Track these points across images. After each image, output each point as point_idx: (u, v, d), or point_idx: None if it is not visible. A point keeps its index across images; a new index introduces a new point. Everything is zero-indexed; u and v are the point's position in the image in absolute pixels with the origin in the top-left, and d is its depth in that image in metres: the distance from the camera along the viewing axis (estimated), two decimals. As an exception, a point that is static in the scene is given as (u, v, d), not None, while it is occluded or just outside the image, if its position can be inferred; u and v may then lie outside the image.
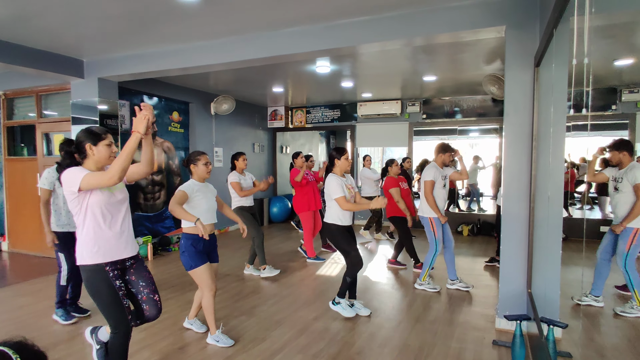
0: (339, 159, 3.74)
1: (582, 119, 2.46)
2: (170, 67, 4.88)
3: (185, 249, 3.09)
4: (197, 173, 3.19)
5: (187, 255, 3.08)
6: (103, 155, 2.32)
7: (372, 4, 3.53)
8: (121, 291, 2.33)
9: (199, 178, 3.20)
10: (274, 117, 9.54)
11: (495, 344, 3.18)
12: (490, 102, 7.76)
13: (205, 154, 3.24)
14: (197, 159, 3.19)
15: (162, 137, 6.88)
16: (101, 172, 2.22)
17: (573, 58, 1.78)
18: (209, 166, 3.22)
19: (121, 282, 2.36)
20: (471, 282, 4.57)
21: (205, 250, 3.15)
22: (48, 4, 3.48)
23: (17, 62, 4.63)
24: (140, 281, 2.50)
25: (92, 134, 2.32)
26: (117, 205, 2.38)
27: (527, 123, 3.26)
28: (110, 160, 2.35)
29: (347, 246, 3.70)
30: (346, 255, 3.74)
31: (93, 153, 2.30)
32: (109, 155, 2.35)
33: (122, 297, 2.32)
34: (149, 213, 6.59)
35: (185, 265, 3.11)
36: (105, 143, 2.33)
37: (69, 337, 3.36)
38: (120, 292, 2.33)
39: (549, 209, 2.89)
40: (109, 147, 2.35)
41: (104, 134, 2.35)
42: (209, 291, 3.12)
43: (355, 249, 3.72)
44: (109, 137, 2.37)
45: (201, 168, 3.18)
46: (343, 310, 3.74)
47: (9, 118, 6.56)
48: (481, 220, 7.83)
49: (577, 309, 3.63)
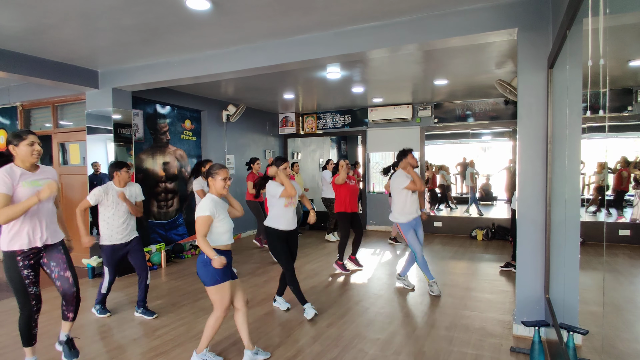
0: (277, 168, 3.88)
1: (598, 121, 2.42)
2: (182, 76, 4.94)
3: (209, 263, 2.75)
4: (215, 188, 2.91)
5: (214, 270, 2.76)
6: (24, 153, 2.63)
7: (382, 9, 3.53)
8: (28, 279, 2.70)
9: (216, 193, 2.93)
10: (284, 124, 9.57)
11: (513, 350, 3.12)
12: (502, 105, 7.69)
13: (225, 169, 2.94)
14: (216, 173, 2.91)
15: (175, 145, 6.96)
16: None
17: (588, 59, 1.76)
18: (228, 182, 2.93)
19: (30, 271, 2.70)
20: (414, 284, 4.64)
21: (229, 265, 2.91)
22: (64, 16, 3.56)
23: (34, 73, 4.74)
24: (51, 262, 2.83)
25: (14, 135, 2.65)
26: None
27: (541, 126, 3.22)
28: (33, 158, 2.66)
29: (280, 250, 3.85)
30: (279, 260, 3.93)
31: (16, 152, 2.63)
32: (31, 153, 2.64)
33: (28, 285, 2.69)
34: (162, 220, 6.65)
35: (207, 279, 2.80)
36: (25, 143, 2.63)
37: (86, 343, 3.40)
38: (27, 280, 2.69)
39: (566, 212, 2.84)
40: (31, 146, 2.64)
41: (24, 135, 2.64)
42: (223, 312, 2.86)
43: (287, 254, 3.85)
44: (30, 138, 2.65)
45: (219, 183, 2.90)
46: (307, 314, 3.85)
47: (26, 128, 6.70)
48: (495, 224, 7.73)
49: (597, 315, 3.55)
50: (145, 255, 4.08)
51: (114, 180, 3.87)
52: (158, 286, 5.01)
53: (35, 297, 2.77)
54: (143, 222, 6.25)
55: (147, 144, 6.40)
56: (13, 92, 6.30)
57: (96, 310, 4.06)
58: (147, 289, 4.01)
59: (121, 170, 3.88)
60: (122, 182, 3.90)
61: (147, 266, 4.02)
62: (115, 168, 3.89)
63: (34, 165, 2.73)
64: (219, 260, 2.64)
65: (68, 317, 2.97)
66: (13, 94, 6.31)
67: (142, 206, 4.10)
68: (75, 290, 2.92)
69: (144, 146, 6.33)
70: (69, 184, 6.19)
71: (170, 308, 4.21)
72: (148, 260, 5.85)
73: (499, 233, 7.61)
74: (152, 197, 6.48)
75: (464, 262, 6.00)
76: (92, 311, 4.10)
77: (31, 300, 2.74)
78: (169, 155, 6.82)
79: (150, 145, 6.46)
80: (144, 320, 3.88)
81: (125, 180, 3.92)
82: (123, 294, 4.69)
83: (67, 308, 2.94)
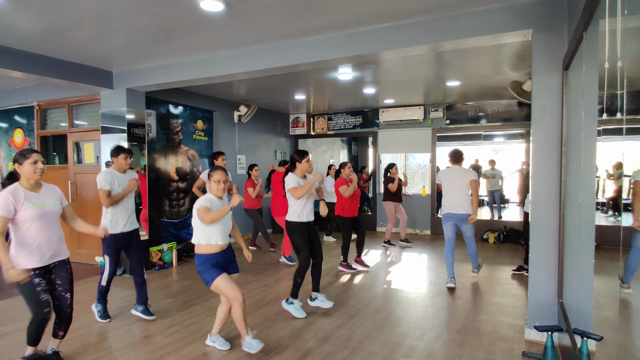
0: (300, 161, 3.92)
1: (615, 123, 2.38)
2: (195, 77, 4.99)
3: (201, 268, 3.05)
4: (211, 189, 3.07)
5: (203, 272, 3.04)
6: (28, 171, 2.71)
7: (394, 10, 3.52)
8: (40, 286, 2.74)
9: (213, 194, 3.08)
10: (295, 124, 9.60)
11: (525, 355, 3.08)
12: (515, 106, 7.61)
13: (221, 171, 3.08)
14: (211, 176, 3.07)
15: (187, 145, 7.02)
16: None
17: (605, 61, 1.73)
18: (221, 184, 3.04)
19: (41, 279, 2.76)
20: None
21: (221, 264, 3.08)
22: (80, 18, 3.62)
23: (51, 74, 4.83)
24: (57, 280, 2.91)
25: (19, 154, 2.75)
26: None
27: (556, 128, 3.18)
28: (36, 176, 2.73)
29: (301, 244, 3.87)
30: (298, 253, 3.93)
31: (21, 171, 2.72)
32: (34, 171, 2.72)
33: (39, 292, 2.73)
34: (173, 220, 6.72)
35: (205, 282, 3.05)
36: (29, 162, 2.71)
37: (99, 340, 3.45)
38: (39, 287, 2.74)
39: (580, 216, 2.80)
40: (34, 164, 2.72)
41: (28, 154, 2.73)
42: (236, 301, 3.01)
43: (308, 249, 3.88)
44: (33, 156, 2.73)
45: (213, 186, 3.05)
46: (295, 310, 3.91)
47: (42, 128, 6.83)
48: (507, 227, 7.64)
49: (612, 321, 3.48)
50: (142, 251, 4.00)
51: (114, 166, 3.80)
52: (169, 285, 5.06)
53: (48, 305, 2.80)
54: (155, 221, 6.32)
55: (159, 143, 6.47)
56: (30, 92, 6.42)
57: (97, 312, 3.92)
58: (146, 285, 3.93)
59: (118, 156, 3.79)
60: (120, 169, 3.80)
61: (143, 262, 3.94)
62: (112, 153, 3.80)
63: (38, 183, 2.81)
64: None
65: (59, 334, 3.01)
66: (30, 94, 6.43)
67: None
68: (70, 311, 2.98)
69: (156, 146, 6.40)
70: (83, 183, 6.28)
71: (181, 306, 4.24)
72: (160, 258, 5.92)
73: (510, 236, 7.53)
74: (164, 197, 6.55)
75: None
76: (92, 309, 3.99)
77: (44, 308, 2.76)
78: (181, 155, 6.89)
79: (162, 145, 6.53)
80: (154, 319, 3.89)
81: (124, 168, 3.81)
82: (134, 292, 4.73)
83: (60, 327, 2.99)
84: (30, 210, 2.69)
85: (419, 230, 8.55)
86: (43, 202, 2.78)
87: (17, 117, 7.05)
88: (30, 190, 2.75)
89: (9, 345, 3.32)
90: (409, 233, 8.48)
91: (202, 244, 3.04)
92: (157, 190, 6.38)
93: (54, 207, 2.85)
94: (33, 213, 2.70)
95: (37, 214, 2.72)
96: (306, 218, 3.94)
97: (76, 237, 6.35)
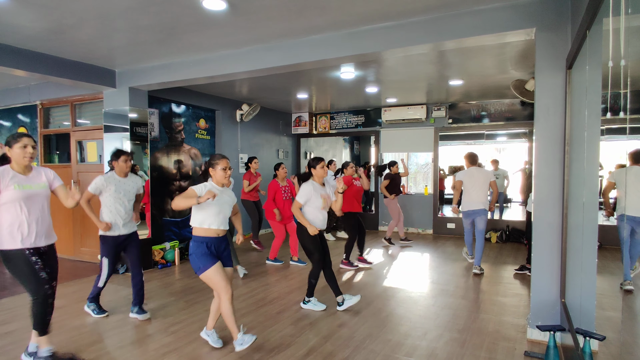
0: (315, 167, 3.98)
1: (618, 122, 2.37)
2: (197, 76, 4.99)
3: (194, 251, 3.00)
4: (216, 178, 3.09)
5: (195, 257, 2.98)
6: (17, 155, 2.77)
7: (396, 9, 3.52)
8: (37, 265, 2.79)
9: (217, 183, 3.12)
10: (298, 124, 9.60)
11: (527, 355, 3.08)
12: (518, 105, 7.58)
13: (225, 159, 3.11)
14: (216, 164, 3.08)
15: (190, 144, 7.03)
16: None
17: (609, 60, 1.72)
18: (227, 171, 3.09)
19: (37, 258, 2.81)
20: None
21: (216, 252, 3.05)
22: (82, 17, 3.62)
23: (54, 73, 4.84)
24: (46, 267, 2.89)
25: (10, 138, 2.80)
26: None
27: (559, 127, 3.17)
28: (25, 160, 2.78)
29: (312, 247, 3.92)
30: (309, 256, 3.98)
31: (10, 154, 2.78)
32: (23, 156, 2.77)
33: (38, 270, 2.79)
34: (176, 218, 6.73)
35: (194, 268, 3.01)
36: (19, 145, 2.76)
37: (101, 338, 3.46)
38: (37, 265, 2.79)
39: (583, 216, 2.79)
40: (24, 148, 2.77)
41: (18, 137, 2.78)
42: (225, 294, 2.97)
43: (319, 252, 3.93)
44: (23, 140, 2.78)
45: (219, 173, 3.07)
46: (314, 306, 4.06)
47: (45, 127, 6.85)
48: (510, 226, 7.63)
49: (614, 321, 3.47)
50: (140, 253, 3.99)
51: (115, 169, 3.82)
52: (171, 283, 5.08)
53: (47, 282, 2.83)
54: (157, 220, 6.34)
55: (162, 142, 6.48)
56: (33, 91, 6.44)
57: (92, 311, 3.90)
58: (143, 286, 3.91)
59: (119, 160, 3.79)
60: (122, 172, 3.81)
61: (141, 264, 3.93)
62: (112, 157, 3.81)
63: (28, 167, 2.85)
64: (208, 194, 2.81)
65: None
66: (33, 92, 6.45)
67: (140, 200, 4.05)
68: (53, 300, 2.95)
69: (159, 145, 6.41)
70: (86, 181, 6.29)
71: (183, 305, 4.25)
72: (162, 257, 5.93)
73: (513, 235, 7.51)
74: (166, 195, 6.56)
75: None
76: (85, 310, 3.97)
77: (44, 284, 2.81)
78: (184, 154, 6.90)
79: (165, 144, 6.54)
80: (156, 317, 3.91)
81: (125, 171, 3.83)
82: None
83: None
84: (14, 191, 2.73)
85: (421, 229, 8.54)
86: (30, 185, 2.82)
87: (20, 115, 7.07)
88: (20, 173, 2.81)
89: (13, 343, 3.33)
90: (412, 232, 8.48)
91: (197, 227, 3.05)
92: (160, 189, 6.39)
93: (41, 191, 2.89)
94: (17, 194, 2.74)
95: (22, 195, 2.76)
96: (320, 225, 3.95)
97: (79, 236, 6.37)
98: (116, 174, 3.83)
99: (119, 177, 3.83)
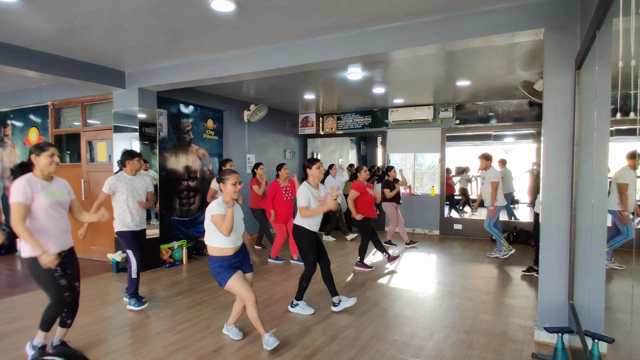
0: (310, 167, 3.98)
1: (628, 123, 2.35)
2: (206, 77, 5.03)
3: (212, 268, 3.15)
4: (226, 192, 3.08)
5: (216, 274, 3.13)
6: (44, 163, 2.84)
7: (404, 10, 3.52)
8: (57, 272, 2.86)
9: (226, 197, 3.09)
10: (305, 124, 9.62)
11: (535, 357, 3.06)
12: (526, 106, 7.53)
13: (235, 173, 3.10)
14: (226, 179, 3.08)
15: (197, 145, 7.08)
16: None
17: (619, 60, 1.71)
18: (237, 186, 3.08)
19: (57, 266, 2.85)
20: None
21: (234, 265, 3.17)
22: (93, 18, 3.67)
23: (64, 74, 4.91)
24: (68, 270, 3.00)
25: (37, 147, 2.85)
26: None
27: (567, 128, 3.15)
28: (51, 168, 2.86)
29: (308, 249, 3.89)
30: (304, 258, 3.95)
31: (37, 162, 2.83)
32: (50, 163, 2.85)
33: (58, 278, 2.86)
34: (184, 218, 6.78)
35: (219, 283, 3.15)
36: (47, 154, 2.83)
37: (109, 336, 3.50)
38: (57, 273, 2.85)
39: (592, 217, 2.77)
40: (51, 157, 2.85)
41: (46, 147, 2.86)
42: (248, 300, 3.09)
43: (314, 254, 3.91)
44: (51, 150, 2.86)
45: (230, 188, 3.06)
46: (302, 309, 3.99)
47: (56, 127, 6.94)
48: (517, 228, 7.58)
49: (623, 323, 3.44)
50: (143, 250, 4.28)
51: (126, 168, 4.05)
52: (179, 282, 5.11)
53: (67, 289, 2.92)
54: (166, 219, 6.39)
55: (170, 142, 6.53)
56: (44, 91, 6.53)
57: (134, 305, 4.09)
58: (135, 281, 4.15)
59: (133, 160, 4.04)
60: (134, 170, 4.05)
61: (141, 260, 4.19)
62: (127, 156, 4.05)
63: (50, 175, 2.94)
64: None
65: (67, 323, 3.12)
66: (44, 93, 6.54)
67: (153, 197, 4.28)
68: (78, 299, 3.12)
69: (167, 145, 6.47)
70: (95, 181, 6.36)
71: (190, 303, 4.28)
72: (170, 256, 5.98)
73: (520, 237, 7.46)
74: (174, 195, 6.61)
75: (485, 265, 5.90)
76: (128, 308, 4.12)
77: (64, 292, 2.89)
78: (192, 154, 6.95)
79: (173, 144, 6.59)
80: (164, 316, 3.95)
81: (137, 169, 4.08)
82: (146, 288, 4.79)
83: (68, 315, 3.09)
84: (44, 198, 2.82)
85: (428, 230, 8.51)
86: (54, 191, 2.92)
87: (32, 116, 7.17)
88: (44, 180, 2.88)
89: (24, 340, 3.38)
90: (418, 233, 8.46)
91: (215, 247, 3.11)
92: (168, 189, 6.45)
93: (64, 198, 2.99)
94: (47, 201, 2.83)
95: (50, 202, 2.85)
96: (315, 227, 3.96)
97: (89, 235, 6.43)
98: (126, 173, 4.05)
99: (129, 176, 4.05)
